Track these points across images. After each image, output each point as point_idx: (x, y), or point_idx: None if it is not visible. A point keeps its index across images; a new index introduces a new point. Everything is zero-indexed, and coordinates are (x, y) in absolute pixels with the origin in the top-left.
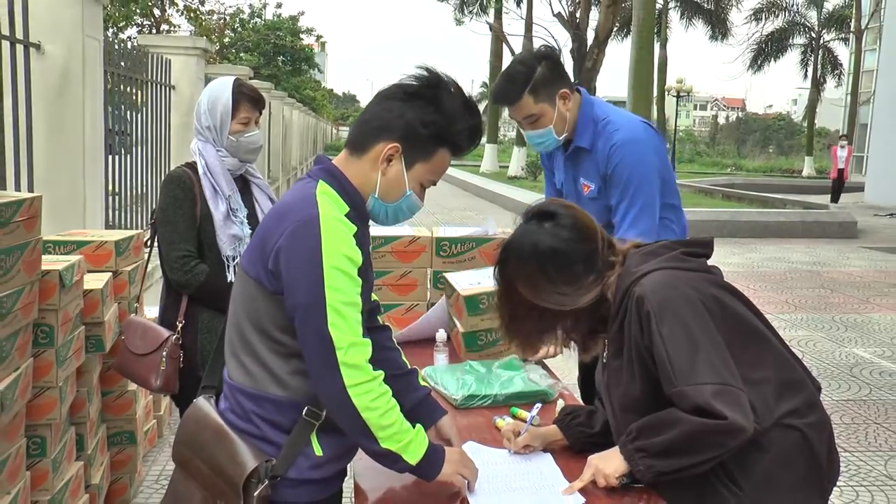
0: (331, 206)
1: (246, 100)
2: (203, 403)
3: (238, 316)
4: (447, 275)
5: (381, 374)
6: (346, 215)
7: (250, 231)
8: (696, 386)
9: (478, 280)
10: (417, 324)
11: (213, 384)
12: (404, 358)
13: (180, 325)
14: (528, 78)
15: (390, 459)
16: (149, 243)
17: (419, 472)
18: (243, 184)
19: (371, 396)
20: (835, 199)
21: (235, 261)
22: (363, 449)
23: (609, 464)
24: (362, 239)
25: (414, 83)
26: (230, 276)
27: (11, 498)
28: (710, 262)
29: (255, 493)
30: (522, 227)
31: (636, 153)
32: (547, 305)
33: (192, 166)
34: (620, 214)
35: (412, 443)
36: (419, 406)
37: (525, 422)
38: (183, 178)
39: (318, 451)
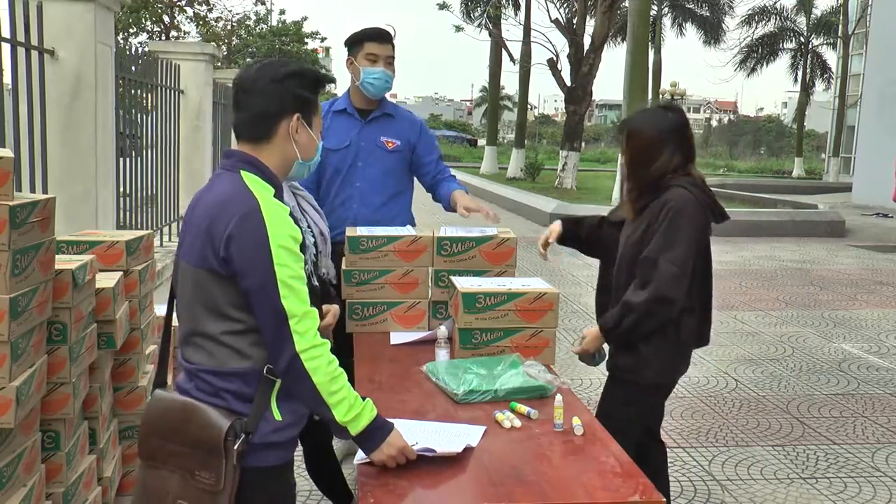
0: (264, 191)
1: None
2: (162, 392)
3: (191, 305)
4: (452, 277)
5: (327, 342)
6: (274, 196)
7: (313, 240)
8: (665, 260)
9: (479, 283)
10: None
11: (163, 381)
12: None
13: None
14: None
15: (338, 427)
16: None
17: (360, 440)
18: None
19: (320, 361)
20: None
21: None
22: (321, 417)
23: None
24: (293, 216)
25: (280, 69)
26: None
27: (27, 490)
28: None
29: (235, 448)
30: (652, 109)
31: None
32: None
33: None
34: (441, 165)
35: (361, 415)
36: None
37: (524, 416)
38: None
39: (277, 415)
